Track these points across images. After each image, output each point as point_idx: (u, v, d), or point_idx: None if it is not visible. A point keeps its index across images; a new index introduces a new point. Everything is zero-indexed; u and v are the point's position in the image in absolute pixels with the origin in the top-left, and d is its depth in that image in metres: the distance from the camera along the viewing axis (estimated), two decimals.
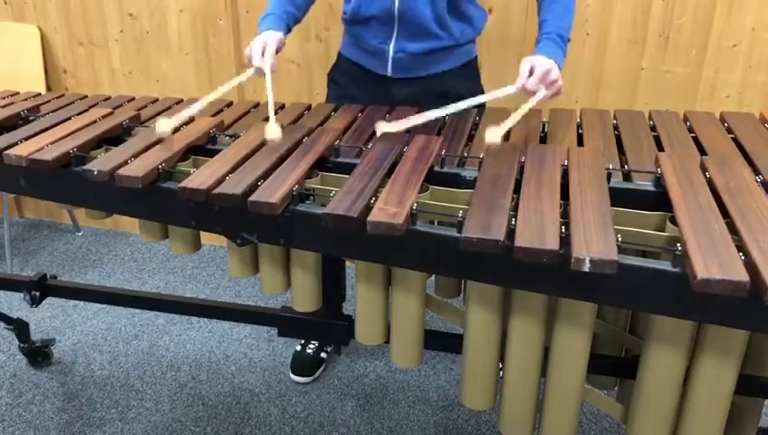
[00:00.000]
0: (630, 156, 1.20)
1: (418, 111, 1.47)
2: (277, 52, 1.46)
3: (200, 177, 1.13)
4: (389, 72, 1.58)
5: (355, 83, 1.65)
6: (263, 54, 1.42)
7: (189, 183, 1.11)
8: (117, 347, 2.13)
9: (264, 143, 1.27)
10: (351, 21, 1.59)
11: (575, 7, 1.48)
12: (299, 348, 2.03)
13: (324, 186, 1.17)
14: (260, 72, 1.44)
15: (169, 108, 1.58)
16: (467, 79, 1.64)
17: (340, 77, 1.70)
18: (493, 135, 1.19)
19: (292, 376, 1.98)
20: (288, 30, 1.53)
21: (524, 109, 1.30)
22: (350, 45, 1.66)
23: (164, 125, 1.30)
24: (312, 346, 2.02)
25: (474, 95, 1.57)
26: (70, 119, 1.44)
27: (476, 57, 1.66)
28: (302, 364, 1.99)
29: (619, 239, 0.89)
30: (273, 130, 1.28)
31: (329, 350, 2.05)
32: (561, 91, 1.38)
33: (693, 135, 1.28)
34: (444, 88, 1.55)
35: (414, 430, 1.80)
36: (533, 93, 1.32)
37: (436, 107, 1.33)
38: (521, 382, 1.07)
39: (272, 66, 1.43)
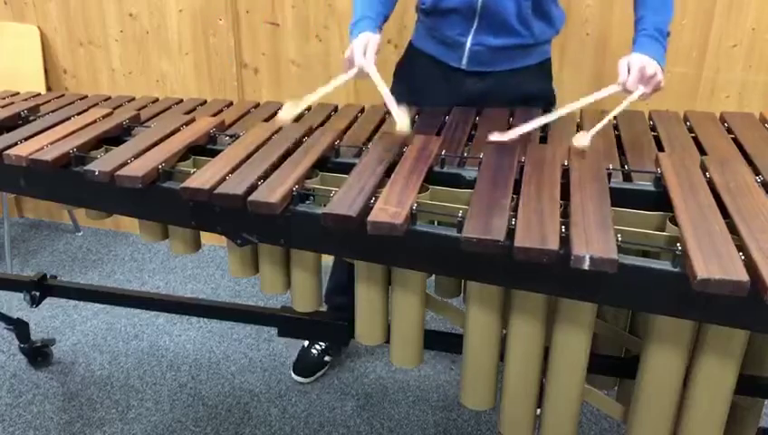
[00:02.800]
0: (630, 156, 1.20)
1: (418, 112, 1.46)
2: (376, 53, 1.41)
3: (202, 177, 1.13)
4: (464, 64, 1.54)
5: (425, 76, 1.61)
6: (364, 54, 1.37)
7: (191, 183, 1.11)
8: (117, 347, 2.13)
9: (266, 140, 1.27)
10: (430, 11, 1.55)
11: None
12: (305, 346, 2.02)
13: (324, 186, 1.17)
14: (361, 73, 1.37)
15: (169, 108, 1.58)
16: (541, 79, 1.62)
17: (409, 70, 1.66)
18: (581, 139, 1.16)
19: (293, 374, 1.98)
20: (380, 30, 1.49)
21: (621, 107, 1.28)
22: (423, 36, 1.62)
23: (287, 112, 1.32)
24: (317, 347, 2.01)
25: (546, 96, 1.58)
26: (70, 119, 1.44)
27: (550, 58, 1.64)
28: (304, 364, 1.99)
29: (619, 239, 0.89)
30: (401, 120, 1.25)
31: (332, 353, 2.05)
32: (661, 86, 1.34)
33: (693, 135, 1.28)
34: (516, 86, 1.53)
35: (414, 430, 1.80)
36: (632, 92, 1.30)
37: (506, 104, 1.33)
38: (521, 382, 1.07)
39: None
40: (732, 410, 1.00)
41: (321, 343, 2.02)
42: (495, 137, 1.23)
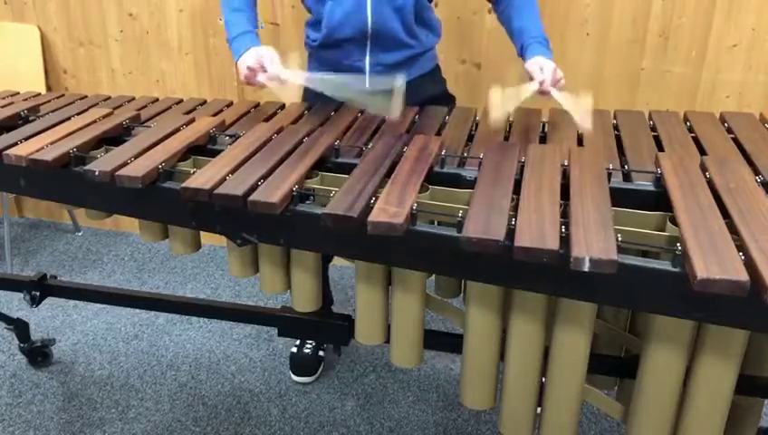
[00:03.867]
0: (630, 156, 1.20)
1: (419, 111, 1.48)
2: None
3: (202, 177, 1.13)
4: (367, 86, 1.56)
5: (331, 104, 1.62)
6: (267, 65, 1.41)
7: (192, 183, 1.11)
8: (117, 347, 2.13)
9: (265, 143, 1.27)
10: (323, 45, 1.61)
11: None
12: (295, 350, 2.03)
13: (324, 186, 1.17)
14: (278, 81, 1.41)
15: (169, 108, 1.58)
16: (437, 84, 1.74)
17: (315, 101, 1.67)
18: (496, 114, 1.28)
19: (295, 377, 1.98)
20: None
21: (528, 91, 1.37)
22: (320, 68, 1.65)
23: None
24: (309, 346, 2.02)
25: (443, 97, 1.70)
26: (70, 119, 1.44)
27: (438, 64, 1.75)
28: (303, 364, 1.99)
29: (619, 239, 0.89)
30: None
31: (325, 347, 2.06)
32: (562, 87, 1.44)
33: (693, 135, 1.28)
34: (418, 94, 1.58)
35: (414, 430, 1.80)
36: (547, 93, 1.39)
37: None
38: (521, 382, 1.07)
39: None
40: (732, 410, 1.00)
41: (310, 341, 2.03)
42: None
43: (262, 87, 1.43)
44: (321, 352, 2.03)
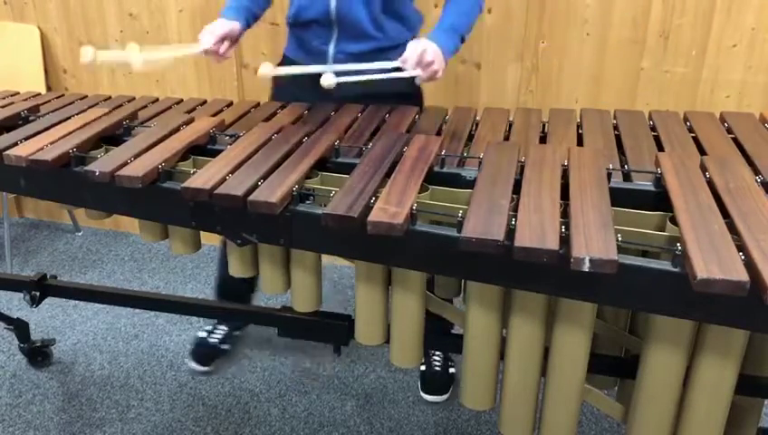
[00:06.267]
0: (630, 156, 1.20)
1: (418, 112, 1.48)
2: (234, 41, 1.53)
3: (202, 177, 1.13)
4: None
5: (297, 84, 1.64)
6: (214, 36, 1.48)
7: (192, 183, 1.11)
8: (117, 347, 2.13)
9: (267, 141, 1.27)
10: (294, 24, 1.64)
11: (479, 13, 1.56)
12: (203, 335, 2.05)
13: (324, 186, 1.17)
14: (208, 52, 1.48)
15: (169, 108, 1.58)
16: (404, 79, 1.66)
17: (285, 79, 1.70)
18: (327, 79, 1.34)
19: (191, 363, 2.01)
20: (246, 23, 1.58)
21: (384, 76, 1.40)
22: (294, 47, 1.70)
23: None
24: (217, 335, 2.05)
25: (411, 95, 1.65)
26: (70, 119, 1.44)
27: None
28: (204, 352, 2.02)
29: (619, 239, 0.89)
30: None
31: (236, 334, 2.09)
32: (437, 77, 1.41)
33: (693, 135, 1.28)
34: (383, 87, 1.56)
35: (414, 430, 1.80)
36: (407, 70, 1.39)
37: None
38: (521, 382, 1.07)
39: (215, 49, 1.48)
40: (732, 410, 1.00)
41: (219, 332, 2.05)
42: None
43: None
44: (225, 346, 2.06)
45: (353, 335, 1.24)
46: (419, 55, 1.36)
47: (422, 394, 1.92)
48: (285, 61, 1.73)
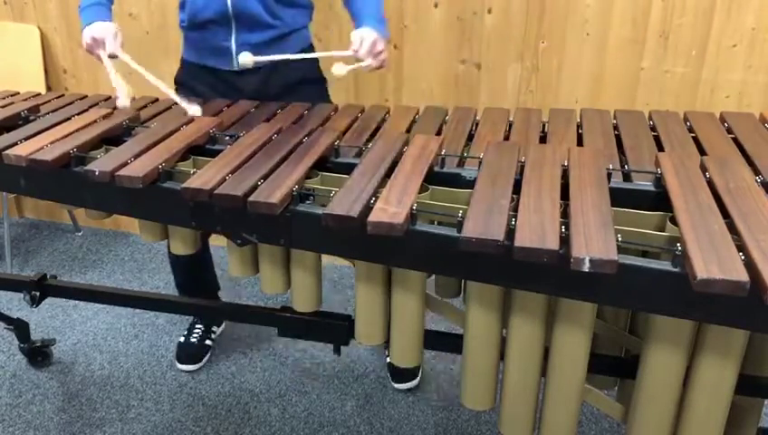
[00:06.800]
0: (630, 156, 1.20)
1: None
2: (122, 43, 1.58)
3: (202, 177, 1.13)
4: (235, 66, 1.63)
5: (202, 84, 1.72)
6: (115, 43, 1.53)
7: (192, 183, 1.11)
8: (117, 347, 2.13)
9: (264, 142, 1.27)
10: (190, 26, 1.67)
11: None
12: (182, 339, 2.07)
13: (324, 186, 1.17)
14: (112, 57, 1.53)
15: (169, 108, 1.58)
16: (307, 63, 1.72)
17: (187, 81, 1.76)
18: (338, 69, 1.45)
19: (179, 365, 2.01)
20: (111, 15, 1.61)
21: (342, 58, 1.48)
22: (193, 50, 1.73)
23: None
24: (196, 334, 2.06)
25: (315, 78, 1.73)
26: (70, 119, 1.44)
27: (312, 44, 1.77)
28: (188, 353, 2.03)
29: (619, 239, 0.89)
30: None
31: (214, 336, 2.10)
32: (385, 65, 1.51)
33: (693, 135, 1.28)
34: (287, 73, 1.64)
35: (414, 430, 1.80)
36: (362, 61, 1.46)
37: (282, 97, 1.55)
38: (521, 382, 1.07)
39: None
40: (732, 410, 1.00)
41: (197, 331, 2.07)
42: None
43: (99, 61, 1.52)
44: (208, 341, 2.07)
45: (353, 335, 1.24)
46: (371, 45, 1.43)
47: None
48: (184, 64, 1.77)
